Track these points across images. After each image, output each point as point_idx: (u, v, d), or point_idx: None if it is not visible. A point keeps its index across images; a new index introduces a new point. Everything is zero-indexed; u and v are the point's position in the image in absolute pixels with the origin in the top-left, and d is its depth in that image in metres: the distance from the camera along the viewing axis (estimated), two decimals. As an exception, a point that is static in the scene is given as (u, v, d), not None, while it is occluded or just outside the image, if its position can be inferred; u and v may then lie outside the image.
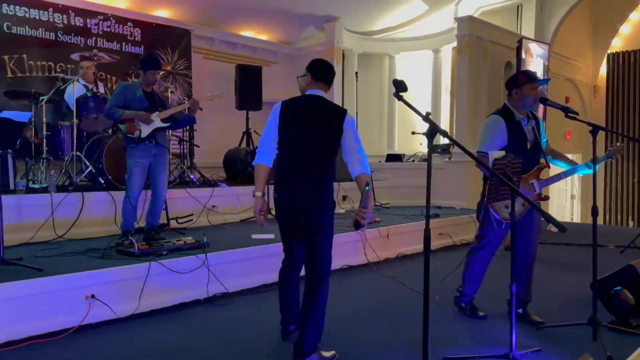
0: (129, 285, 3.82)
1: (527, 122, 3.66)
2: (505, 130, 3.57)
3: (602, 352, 3.03)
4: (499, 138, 3.56)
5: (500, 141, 3.56)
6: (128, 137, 4.57)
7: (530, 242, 3.69)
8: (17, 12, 6.98)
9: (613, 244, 6.65)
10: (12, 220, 4.67)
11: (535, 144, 3.65)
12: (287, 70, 10.53)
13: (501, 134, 3.57)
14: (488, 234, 3.75)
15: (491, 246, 3.80)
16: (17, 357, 3.06)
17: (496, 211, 3.52)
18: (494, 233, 3.71)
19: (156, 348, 3.24)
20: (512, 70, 9.15)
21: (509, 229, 3.63)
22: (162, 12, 8.67)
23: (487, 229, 3.73)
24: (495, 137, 3.56)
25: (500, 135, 3.57)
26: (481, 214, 3.76)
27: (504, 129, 3.57)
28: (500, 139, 3.56)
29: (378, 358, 3.10)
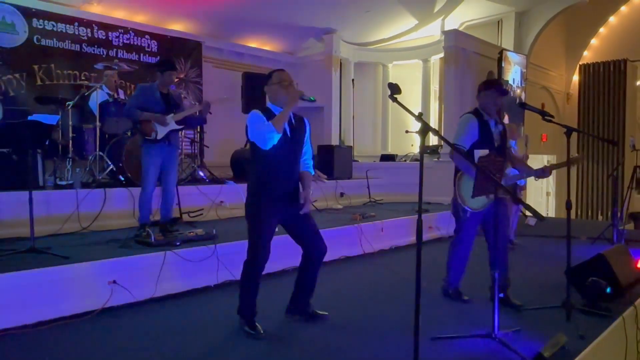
0: (147, 272, 3.82)
1: (495, 125, 3.73)
2: (477, 126, 3.65)
3: (575, 331, 3.05)
4: (471, 132, 3.63)
5: (473, 135, 3.63)
6: (145, 138, 4.55)
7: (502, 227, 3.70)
8: (45, 26, 6.97)
9: (585, 236, 6.66)
10: (42, 214, 4.66)
11: (500, 146, 3.71)
12: (290, 78, 10.50)
13: (474, 129, 3.64)
14: (462, 227, 3.78)
15: (467, 238, 3.82)
16: (46, 336, 3.06)
17: (464, 202, 3.56)
18: (467, 225, 3.74)
19: (171, 328, 3.25)
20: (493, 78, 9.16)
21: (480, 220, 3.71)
22: (176, 26, 8.66)
23: (461, 223, 3.77)
24: (468, 131, 3.63)
25: (473, 130, 3.64)
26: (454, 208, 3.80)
27: (476, 126, 3.65)
28: (473, 134, 3.63)
29: (372, 338, 3.10)
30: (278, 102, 3.10)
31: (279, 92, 3.09)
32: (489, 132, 3.66)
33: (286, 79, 3.11)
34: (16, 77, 6.73)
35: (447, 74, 8.80)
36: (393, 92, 2.41)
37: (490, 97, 3.68)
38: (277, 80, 3.11)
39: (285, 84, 3.09)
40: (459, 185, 3.60)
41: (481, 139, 3.62)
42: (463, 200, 3.57)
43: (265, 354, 2.87)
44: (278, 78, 3.11)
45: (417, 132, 2.38)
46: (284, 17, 9.03)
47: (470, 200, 3.52)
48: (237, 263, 4.39)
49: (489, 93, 3.68)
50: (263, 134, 2.96)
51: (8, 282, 3.18)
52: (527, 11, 10.19)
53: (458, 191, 3.60)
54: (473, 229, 3.79)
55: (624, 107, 12.04)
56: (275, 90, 3.11)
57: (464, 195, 3.56)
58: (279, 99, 3.10)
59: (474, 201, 3.50)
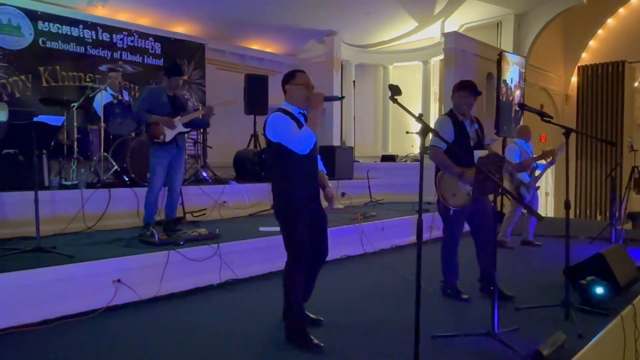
0: (151, 271, 3.83)
1: (471, 124, 3.77)
2: (452, 127, 3.70)
3: (573, 330, 3.04)
4: (447, 134, 3.66)
5: (448, 137, 3.66)
6: (153, 140, 4.56)
7: (486, 220, 3.76)
8: (51, 29, 6.99)
9: (583, 235, 6.65)
10: (47, 213, 4.67)
11: (477, 143, 3.76)
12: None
13: (449, 130, 3.69)
14: (449, 226, 3.82)
15: (454, 235, 3.84)
16: (51, 334, 3.06)
17: (446, 201, 3.59)
18: (453, 223, 3.78)
19: (175, 327, 3.25)
20: (493, 80, 9.16)
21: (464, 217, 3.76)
22: (179, 28, 8.67)
23: (447, 222, 3.81)
24: (443, 133, 3.64)
25: (448, 131, 3.68)
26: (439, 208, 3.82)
27: (451, 127, 3.70)
28: (448, 135, 3.67)
29: (372, 336, 3.10)
30: (299, 103, 2.98)
31: (301, 93, 2.96)
32: (464, 132, 3.72)
33: (310, 82, 3.00)
34: (22, 79, 6.75)
35: (447, 76, 8.80)
36: (394, 94, 2.41)
37: (463, 98, 3.72)
38: (302, 82, 2.98)
39: (311, 87, 2.99)
40: (440, 185, 3.63)
41: (457, 138, 3.68)
42: (445, 199, 3.62)
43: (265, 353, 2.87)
44: (303, 79, 2.99)
45: (418, 133, 2.39)
46: (286, 20, 9.04)
47: (451, 199, 3.59)
48: (240, 262, 4.43)
49: (462, 94, 3.73)
50: (304, 139, 2.84)
51: (14, 280, 3.19)
52: (526, 13, 10.18)
53: (439, 191, 3.64)
54: (459, 227, 3.84)
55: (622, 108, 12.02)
56: (298, 90, 2.97)
57: (445, 193, 3.62)
58: (299, 100, 2.97)
59: (454, 199, 3.58)
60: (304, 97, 2.97)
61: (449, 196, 3.60)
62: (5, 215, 4.56)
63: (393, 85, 2.45)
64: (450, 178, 3.59)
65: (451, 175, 3.59)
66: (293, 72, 3.05)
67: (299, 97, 2.98)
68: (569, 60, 12.88)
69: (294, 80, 3.00)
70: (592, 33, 12.61)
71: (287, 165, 2.95)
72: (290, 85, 3.01)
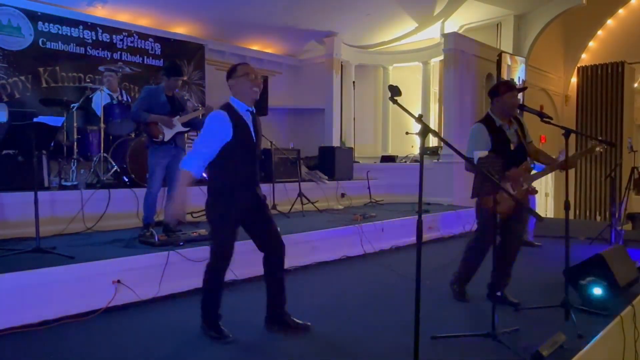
0: (151, 272, 3.83)
1: (510, 127, 3.64)
2: (488, 136, 3.56)
3: (573, 331, 3.04)
4: (482, 143, 3.54)
5: (484, 146, 3.54)
6: (152, 140, 4.56)
7: (517, 233, 3.70)
8: (51, 29, 6.99)
9: (583, 236, 6.65)
10: (47, 214, 4.67)
11: (519, 146, 3.63)
12: (291, 80, 10.54)
13: (484, 139, 3.55)
14: (483, 230, 3.72)
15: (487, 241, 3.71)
16: (50, 335, 3.06)
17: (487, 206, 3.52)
18: (488, 228, 3.70)
19: (175, 327, 3.25)
20: (493, 81, 9.16)
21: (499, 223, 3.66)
22: (179, 29, 8.68)
23: (482, 225, 3.71)
24: (479, 143, 3.54)
25: (484, 141, 3.55)
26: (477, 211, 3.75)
27: (487, 135, 3.56)
28: (484, 144, 3.54)
29: (372, 336, 3.10)
30: (244, 98, 2.93)
31: (244, 86, 2.90)
32: (502, 139, 3.57)
33: (253, 72, 2.92)
34: (22, 80, 6.75)
35: (446, 76, 8.81)
36: (393, 94, 2.40)
37: (513, 98, 3.55)
38: (243, 72, 2.90)
39: (253, 77, 2.91)
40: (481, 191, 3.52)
41: (495, 146, 3.52)
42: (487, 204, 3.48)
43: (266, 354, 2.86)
44: (244, 70, 2.92)
45: (417, 134, 2.39)
46: (286, 20, 9.04)
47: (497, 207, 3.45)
48: (239, 263, 4.42)
49: (511, 94, 3.54)
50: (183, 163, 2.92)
51: (14, 281, 3.19)
52: (525, 14, 10.19)
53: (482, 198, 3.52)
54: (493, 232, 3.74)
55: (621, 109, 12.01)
56: (241, 83, 2.90)
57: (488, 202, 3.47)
58: (244, 95, 2.92)
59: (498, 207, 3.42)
60: (248, 89, 2.90)
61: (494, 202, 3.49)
62: (5, 216, 4.56)
63: (393, 85, 2.44)
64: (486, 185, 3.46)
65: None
66: (234, 66, 2.99)
67: (244, 91, 2.92)
68: (569, 61, 12.88)
69: (235, 74, 2.92)
70: (591, 34, 12.62)
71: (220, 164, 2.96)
72: (233, 79, 2.93)
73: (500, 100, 3.58)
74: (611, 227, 6.33)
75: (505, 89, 3.59)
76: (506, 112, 3.60)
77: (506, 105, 3.57)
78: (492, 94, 3.66)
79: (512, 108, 3.59)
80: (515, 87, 3.64)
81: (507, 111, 3.60)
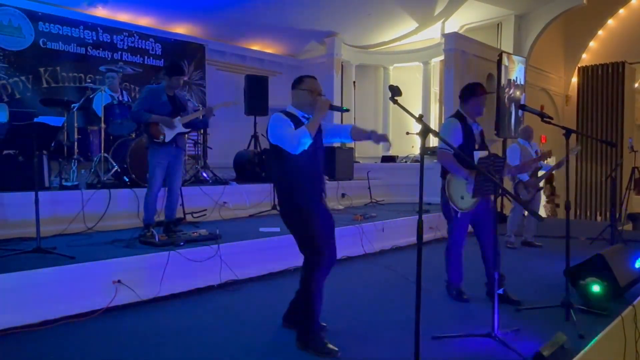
0: (151, 272, 3.83)
1: (476, 127, 3.77)
2: (461, 131, 3.68)
3: (574, 331, 3.05)
4: (456, 137, 3.65)
5: (457, 140, 3.64)
6: (153, 140, 4.55)
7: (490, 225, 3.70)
8: (51, 30, 7.00)
9: (583, 236, 6.65)
10: (47, 214, 4.67)
11: (481, 146, 3.76)
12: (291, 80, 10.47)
13: (457, 133, 3.67)
14: (455, 228, 3.80)
15: (459, 237, 3.83)
16: (51, 335, 3.07)
17: (455, 204, 3.58)
18: (459, 225, 3.77)
19: (175, 327, 3.24)
20: (493, 81, 9.16)
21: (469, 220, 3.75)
22: (179, 29, 8.69)
23: (453, 223, 3.79)
24: (453, 136, 3.64)
25: (457, 135, 3.66)
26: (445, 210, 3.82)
27: (460, 130, 3.68)
28: (457, 138, 3.65)
29: (373, 337, 3.10)
30: (304, 107, 2.99)
31: (307, 98, 2.98)
32: (471, 135, 3.71)
33: (318, 89, 3.01)
34: (22, 80, 6.76)
35: (447, 76, 8.81)
36: (394, 94, 2.41)
37: (481, 102, 3.71)
38: (308, 87, 3.00)
39: (316, 94, 2.99)
40: (448, 186, 3.63)
41: (464, 141, 3.66)
42: (453, 201, 3.61)
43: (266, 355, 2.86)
44: (310, 85, 3.01)
45: (418, 134, 2.39)
46: (286, 20, 9.05)
47: (460, 201, 3.58)
48: (240, 263, 4.43)
49: (480, 99, 3.71)
50: (297, 139, 2.80)
51: (14, 281, 3.19)
52: (526, 14, 10.19)
53: (448, 192, 3.63)
54: (464, 229, 3.83)
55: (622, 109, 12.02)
56: (304, 95, 2.99)
57: (453, 196, 3.61)
58: (305, 105, 2.99)
59: (463, 202, 3.56)
60: (308, 103, 2.98)
61: (458, 199, 3.58)
62: (5, 216, 4.56)
63: (393, 86, 2.45)
64: (459, 181, 3.57)
65: (459, 179, 3.57)
66: (302, 77, 3.09)
67: (304, 102, 3.00)
68: (569, 61, 12.88)
69: (300, 85, 3.03)
70: (592, 34, 12.62)
71: (285, 166, 2.93)
72: (296, 90, 3.04)
73: (477, 100, 3.71)
74: (612, 227, 6.32)
75: (482, 91, 3.74)
76: (476, 113, 3.74)
77: (478, 106, 3.72)
78: (469, 93, 3.75)
79: (482, 110, 3.74)
80: (484, 92, 3.76)
81: (478, 112, 3.73)
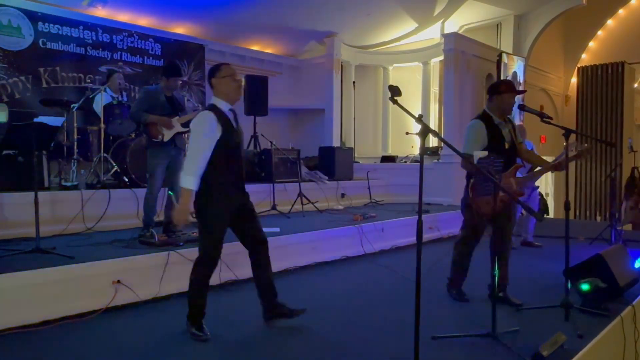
0: (151, 272, 3.83)
1: (505, 126, 3.64)
2: (486, 132, 3.55)
3: (573, 331, 3.04)
4: (480, 140, 3.54)
5: (481, 143, 3.54)
6: (152, 140, 4.55)
7: (508, 232, 3.71)
8: (51, 30, 6.99)
9: (583, 236, 6.65)
10: (47, 214, 4.67)
11: (512, 146, 3.64)
12: (291, 80, 10.54)
13: (482, 136, 3.55)
14: (472, 230, 3.74)
15: (476, 241, 3.79)
16: (51, 335, 3.07)
17: (478, 206, 3.51)
18: (478, 228, 3.71)
19: (175, 327, 3.23)
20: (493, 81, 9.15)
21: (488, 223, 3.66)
22: (179, 29, 8.69)
23: (472, 227, 3.73)
24: (476, 139, 3.55)
25: (481, 137, 3.55)
26: (464, 209, 3.76)
27: (484, 132, 3.56)
28: (482, 141, 3.54)
29: (373, 337, 3.10)
30: (227, 97, 2.99)
31: (228, 86, 2.96)
32: (498, 137, 3.57)
33: (235, 73, 3.00)
34: (22, 80, 6.75)
35: (446, 77, 8.81)
36: (393, 95, 2.40)
37: (511, 99, 3.60)
38: (227, 73, 2.97)
39: (237, 78, 2.99)
40: (474, 191, 3.50)
41: (490, 144, 3.52)
42: (479, 206, 3.47)
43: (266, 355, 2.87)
44: (229, 71, 2.98)
45: (417, 134, 2.38)
46: (286, 21, 9.05)
47: (485, 206, 3.42)
48: (240, 263, 4.42)
49: (510, 95, 3.58)
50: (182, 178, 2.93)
51: (14, 281, 3.19)
52: (525, 14, 10.19)
53: (473, 197, 3.50)
54: (482, 232, 3.76)
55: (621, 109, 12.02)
56: (224, 84, 2.97)
57: (480, 202, 3.46)
58: (227, 94, 2.98)
59: (488, 207, 3.39)
60: (231, 90, 2.97)
61: (483, 204, 3.41)
62: (4, 216, 4.56)
63: (393, 86, 2.44)
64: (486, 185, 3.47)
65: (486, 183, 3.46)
66: (218, 65, 3.06)
67: (227, 91, 2.98)
68: (569, 61, 12.88)
69: (219, 73, 2.99)
70: (591, 34, 12.62)
71: None
72: (216, 79, 3.00)
73: (500, 98, 3.58)
74: (611, 227, 6.32)
75: (506, 88, 3.61)
76: (503, 111, 3.62)
77: (505, 104, 3.59)
78: (492, 91, 3.66)
79: (509, 108, 3.63)
80: (515, 89, 3.66)
81: (504, 110, 3.62)
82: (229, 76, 2.98)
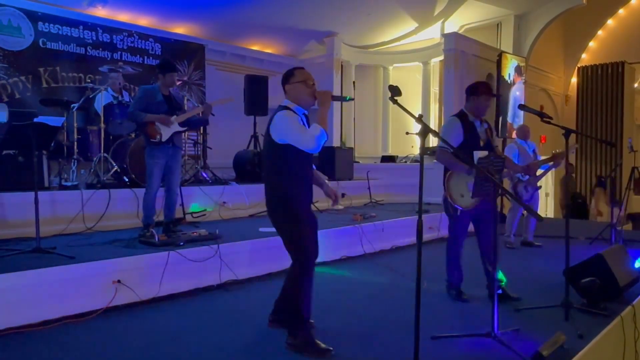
0: (151, 272, 3.83)
1: (481, 125, 3.79)
2: (462, 129, 3.71)
3: (573, 331, 3.05)
4: (456, 135, 3.68)
5: (457, 138, 3.68)
6: (150, 140, 4.55)
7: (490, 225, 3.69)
8: (51, 30, 6.99)
9: (583, 236, 6.65)
10: (47, 214, 4.67)
11: (487, 144, 3.77)
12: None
13: (457, 132, 3.70)
14: (454, 226, 3.84)
15: (460, 236, 3.86)
16: (51, 335, 3.07)
17: (454, 201, 3.59)
18: (459, 223, 3.80)
19: (175, 327, 3.25)
20: (493, 81, 9.16)
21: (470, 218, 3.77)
22: (179, 29, 8.68)
23: (453, 221, 3.82)
24: (452, 135, 3.68)
25: (457, 133, 3.70)
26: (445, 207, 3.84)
27: (460, 128, 3.71)
28: (457, 137, 3.69)
29: (373, 337, 3.10)
30: (300, 102, 2.84)
31: (302, 91, 2.82)
32: (474, 134, 3.72)
33: (311, 78, 2.85)
34: (22, 80, 6.75)
35: (447, 77, 8.81)
36: (394, 94, 2.41)
37: (486, 101, 3.74)
38: (301, 78, 2.83)
39: (311, 83, 2.84)
40: (448, 184, 3.65)
41: (466, 141, 3.68)
42: (453, 199, 3.63)
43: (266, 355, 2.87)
44: (302, 76, 2.84)
45: (418, 134, 2.39)
46: (286, 20, 9.05)
47: (459, 199, 3.59)
48: (240, 263, 4.43)
49: (485, 97, 3.73)
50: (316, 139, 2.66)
51: (14, 281, 3.19)
52: (526, 14, 10.19)
53: (448, 190, 3.65)
54: (464, 227, 3.85)
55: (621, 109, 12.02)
56: (299, 89, 2.83)
57: (453, 194, 3.63)
58: (301, 99, 2.83)
59: (462, 200, 3.58)
60: (305, 95, 2.83)
61: (458, 196, 3.60)
62: (5, 216, 4.56)
63: (393, 86, 2.44)
64: (459, 178, 3.59)
65: (460, 176, 3.58)
66: (292, 70, 2.93)
67: (301, 96, 2.84)
68: (569, 61, 12.89)
69: (294, 79, 2.86)
70: (592, 34, 12.63)
71: (289, 165, 2.81)
72: (290, 84, 2.88)
73: (477, 100, 3.73)
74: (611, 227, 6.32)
75: (483, 90, 3.75)
76: (478, 112, 3.77)
77: (481, 106, 3.74)
78: (470, 92, 3.80)
79: (484, 110, 3.77)
80: (492, 93, 3.81)
81: (480, 111, 3.76)
82: (302, 81, 2.84)
